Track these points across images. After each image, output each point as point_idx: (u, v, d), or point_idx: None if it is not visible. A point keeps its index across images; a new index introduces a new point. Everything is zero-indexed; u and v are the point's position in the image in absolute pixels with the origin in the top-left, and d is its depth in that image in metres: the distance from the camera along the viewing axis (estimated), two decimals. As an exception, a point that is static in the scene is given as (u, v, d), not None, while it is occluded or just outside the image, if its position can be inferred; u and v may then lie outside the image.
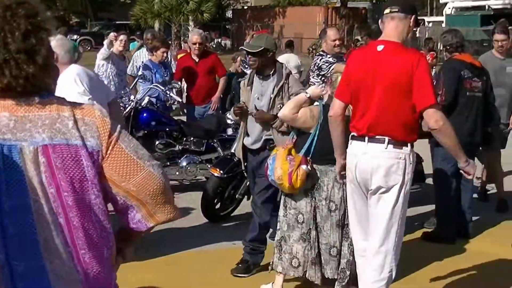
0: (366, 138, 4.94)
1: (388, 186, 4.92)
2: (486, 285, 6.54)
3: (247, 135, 6.61)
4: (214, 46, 37.00)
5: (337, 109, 5.12)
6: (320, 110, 5.79)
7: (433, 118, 4.81)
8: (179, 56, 17.17)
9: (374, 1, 52.61)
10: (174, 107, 11.91)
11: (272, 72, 6.39)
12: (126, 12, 41.12)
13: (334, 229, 5.77)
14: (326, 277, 5.83)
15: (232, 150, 8.26)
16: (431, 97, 4.80)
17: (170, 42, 21.82)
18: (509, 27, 28.58)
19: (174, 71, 11.26)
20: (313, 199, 5.80)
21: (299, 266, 5.86)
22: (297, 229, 5.85)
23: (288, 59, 15.21)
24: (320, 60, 8.55)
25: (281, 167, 5.64)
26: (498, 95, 8.40)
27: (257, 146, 6.53)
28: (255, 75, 6.49)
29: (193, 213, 8.45)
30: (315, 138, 5.75)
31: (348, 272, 5.77)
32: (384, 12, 5.06)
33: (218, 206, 8.32)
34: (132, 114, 9.16)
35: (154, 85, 9.78)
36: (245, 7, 50.38)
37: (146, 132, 9.28)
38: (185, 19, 38.14)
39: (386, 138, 4.89)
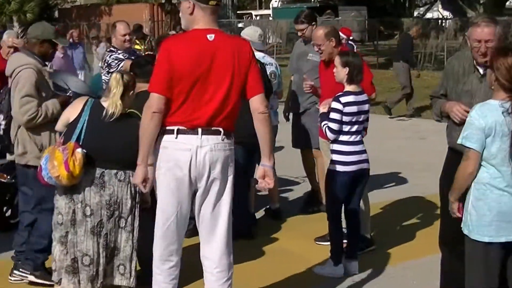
0: (200, 130, 4.77)
1: (225, 178, 4.90)
2: (283, 282, 6.46)
3: None
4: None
5: (159, 104, 4.74)
6: (88, 106, 5.53)
7: (264, 103, 4.89)
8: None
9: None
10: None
11: None
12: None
13: (88, 236, 5.43)
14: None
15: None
16: (262, 84, 4.93)
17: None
18: (336, 18, 29.20)
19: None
20: (72, 201, 5.46)
21: (55, 271, 5.53)
22: (58, 230, 5.51)
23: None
24: (109, 57, 8.22)
25: (55, 160, 5.26)
26: (294, 81, 8.58)
27: None
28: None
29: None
30: (83, 130, 5.44)
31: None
32: (210, 4, 4.86)
33: (8, 213, 7.89)
34: None
35: None
36: (72, 6, 49.49)
37: None
38: (7, 19, 36.80)
39: (222, 130, 4.83)
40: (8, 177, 7.44)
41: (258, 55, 7.98)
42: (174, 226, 4.95)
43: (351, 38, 16.36)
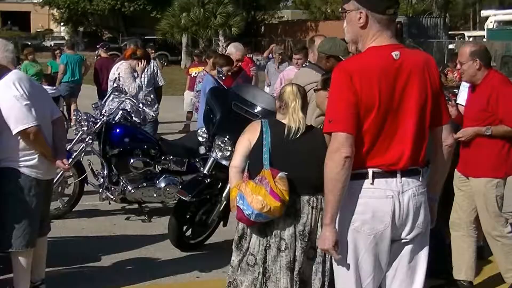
0: (399, 173, 3.88)
1: (427, 225, 4.03)
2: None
3: None
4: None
5: (351, 146, 3.77)
6: (266, 127, 4.91)
7: (452, 133, 4.10)
8: (191, 70, 16.62)
9: (410, 15, 51.77)
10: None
11: None
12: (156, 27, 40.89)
13: (284, 273, 4.78)
14: None
15: (205, 171, 7.45)
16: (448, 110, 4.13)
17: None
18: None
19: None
20: (266, 237, 4.83)
21: None
22: (249, 273, 4.88)
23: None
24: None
25: (257, 194, 4.63)
26: None
27: None
28: None
29: (166, 241, 7.55)
30: (269, 153, 4.81)
31: None
32: (387, 13, 3.90)
33: (189, 233, 7.50)
34: (104, 129, 8.39)
35: (126, 98, 8.98)
36: (279, 22, 50.19)
37: (121, 149, 8.46)
38: (213, 33, 37.73)
39: (420, 168, 3.96)
40: (189, 195, 7.08)
41: None
42: None
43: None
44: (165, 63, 38.53)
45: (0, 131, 5.40)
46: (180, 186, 7.64)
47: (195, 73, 16.11)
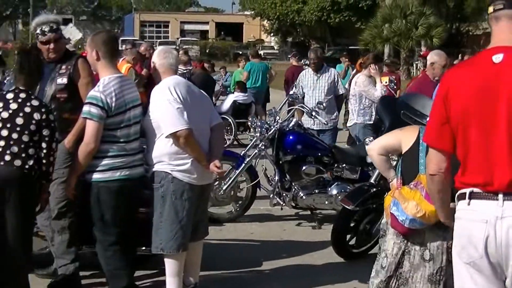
0: (501, 196, 3.38)
1: None
2: None
3: None
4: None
5: (439, 163, 3.56)
6: (423, 133, 4.78)
7: None
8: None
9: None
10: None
11: None
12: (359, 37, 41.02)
13: (424, 284, 4.64)
14: None
15: (371, 180, 7.36)
16: None
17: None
18: None
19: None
20: (404, 241, 4.72)
21: None
22: (380, 275, 4.83)
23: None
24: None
25: (412, 199, 4.53)
26: None
27: None
28: None
29: (331, 248, 7.47)
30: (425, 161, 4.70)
31: None
32: (488, 12, 3.52)
33: (352, 242, 7.42)
34: (277, 136, 8.50)
35: (299, 106, 9.06)
36: (483, 33, 48.81)
37: (293, 156, 8.54)
38: (414, 44, 37.26)
39: None
40: (352, 204, 7.01)
41: None
42: None
43: None
44: (367, 72, 38.45)
45: (154, 135, 5.51)
46: (345, 195, 7.57)
47: (385, 82, 16.08)
